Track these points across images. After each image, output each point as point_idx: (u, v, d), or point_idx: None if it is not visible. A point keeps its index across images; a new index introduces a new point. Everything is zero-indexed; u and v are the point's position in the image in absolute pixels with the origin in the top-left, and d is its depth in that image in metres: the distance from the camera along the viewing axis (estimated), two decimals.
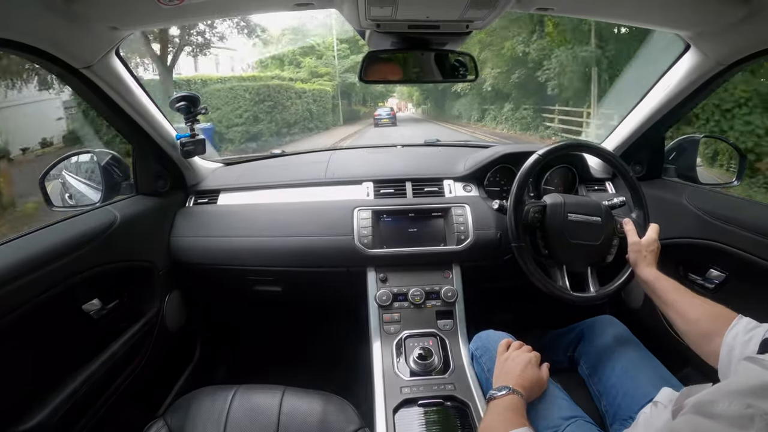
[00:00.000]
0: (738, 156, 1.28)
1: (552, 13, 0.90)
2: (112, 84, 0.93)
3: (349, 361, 1.27)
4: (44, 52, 0.76)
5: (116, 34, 0.84)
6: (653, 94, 1.13)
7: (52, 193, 1.05)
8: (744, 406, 0.37)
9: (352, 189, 1.25)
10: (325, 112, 15.98)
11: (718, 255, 0.99)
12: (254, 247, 1.16)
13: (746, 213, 0.95)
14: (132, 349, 0.98)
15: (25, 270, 0.71)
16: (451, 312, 1.10)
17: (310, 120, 14.43)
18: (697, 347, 0.71)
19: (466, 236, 1.14)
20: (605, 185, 1.34)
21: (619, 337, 0.93)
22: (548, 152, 1.00)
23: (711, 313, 0.71)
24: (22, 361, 0.76)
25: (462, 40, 0.93)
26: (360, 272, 1.14)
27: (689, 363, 1.02)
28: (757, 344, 0.58)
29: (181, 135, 1.14)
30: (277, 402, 0.84)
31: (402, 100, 34.72)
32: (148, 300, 1.08)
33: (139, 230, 1.06)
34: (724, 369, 0.63)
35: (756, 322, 0.63)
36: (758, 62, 0.92)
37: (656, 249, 0.89)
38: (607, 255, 0.99)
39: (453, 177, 1.27)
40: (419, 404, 0.88)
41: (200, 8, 0.80)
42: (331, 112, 16.85)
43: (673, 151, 1.27)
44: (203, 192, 1.30)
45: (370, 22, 0.83)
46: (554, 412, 0.76)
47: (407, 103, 35.97)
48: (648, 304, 1.21)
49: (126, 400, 0.98)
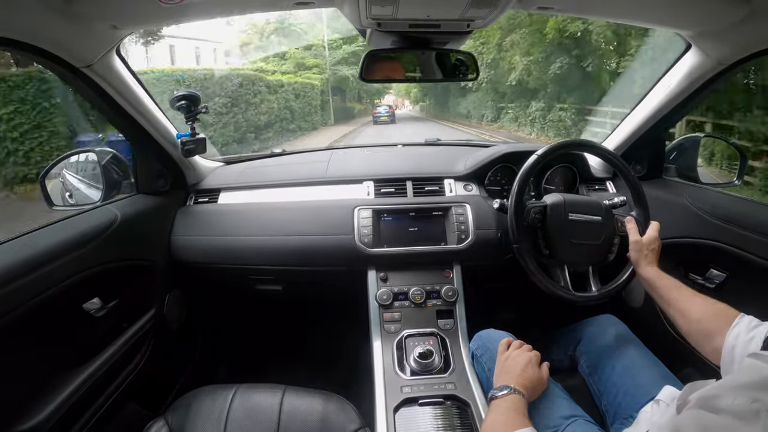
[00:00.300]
0: (739, 156, 1.28)
1: (553, 13, 0.90)
2: (113, 83, 0.93)
3: (349, 361, 1.27)
4: (45, 51, 0.76)
5: (116, 33, 0.84)
6: (654, 93, 1.13)
7: (53, 192, 1.05)
8: (749, 401, 0.37)
9: (353, 188, 1.25)
10: (311, 110, 13.50)
11: (718, 255, 0.99)
12: (255, 246, 1.16)
13: (747, 213, 0.95)
14: (132, 348, 0.98)
15: (26, 269, 0.71)
16: (451, 311, 1.10)
17: (291, 120, 11.84)
18: (699, 346, 0.71)
19: (466, 235, 1.14)
20: (606, 185, 1.34)
21: (620, 336, 0.93)
22: (548, 152, 1.00)
23: (712, 312, 0.70)
24: (23, 360, 0.76)
25: (463, 39, 0.93)
26: (360, 271, 1.14)
27: (690, 362, 1.02)
28: (759, 342, 0.58)
29: (182, 134, 1.14)
30: (278, 401, 0.84)
31: (399, 97, 33.27)
32: (149, 299, 1.08)
33: (140, 229, 1.06)
34: (726, 367, 0.63)
35: (758, 320, 0.63)
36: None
37: (657, 247, 0.89)
38: (609, 254, 0.99)
39: (454, 176, 1.27)
40: (420, 404, 0.88)
41: (200, 7, 0.80)
42: (319, 109, 14.49)
43: (673, 151, 1.27)
44: (204, 191, 1.30)
45: (370, 21, 0.83)
46: (554, 411, 0.76)
47: (404, 101, 34.39)
48: (648, 304, 1.21)
49: (126, 398, 0.98)
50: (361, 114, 20.96)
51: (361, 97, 22.74)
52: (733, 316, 0.66)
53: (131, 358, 0.99)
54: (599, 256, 0.99)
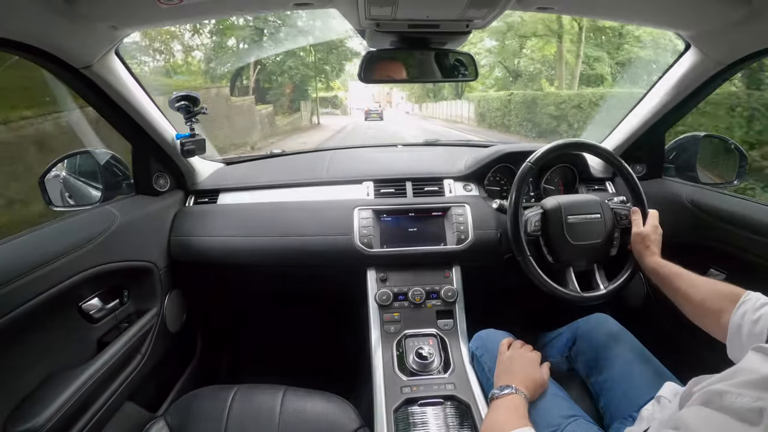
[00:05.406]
0: (738, 155, 1.28)
1: (552, 13, 0.90)
2: (112, 84, 0.92)
3: (349, 361, 1.27)
4: (44, 52, 0.76)
5: (116, 33, 0.84)
6: (654, 93, 1.13)
7: (52, 193, 1.05)
8: (753, 399, 0.36)
9: (352, 188, 1.25)
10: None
11: (717, 255, 0.99)
12: (254, 246, 1.16)
13: (747, 213, 0.95)
14: (132, 349, 0.98)
15: (25, 269, 0.71)
16: (451, 311, 1.10)
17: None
18: (705, 326, 0.71)
19: (466, 236, 1.14)
20: (605, 185, 1.34)
21: (614, 335, 0.93)
22: (546, 153, 1.00)
23: (715, 292, 0.70)
24: (23, 360, 0.76)
25: (462, 39, 0.93)
26: (360, 272, 1.14)
27: (690, 362, 1.02)
28: (765, 327, 0.58)
29: (181, 134, 1.14)
30: (278, 402, 0.84)
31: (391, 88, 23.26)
32: (149, 300, 1.08)
33: (139, 230, 1.06)
34: (733, 349, 0.63)
35: (765, 298, 0.62)
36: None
37: (659, 236, 0.90)
38: (611, 249, 1.00)
39: (453, 176, 1.27)
40: (420, 404, 0.88)
41: (199, 8, 0.80)
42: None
43: (673, 151, 1.27)
44: (203, 191, 1.30)
45: (369, 22, 0.83)
46: (554, 411, 0.76)
47: (400, 94, 23.96)
48: (648, 303, 1.21)
49: (126, 399, 0.98)
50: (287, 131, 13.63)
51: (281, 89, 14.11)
52: (738, 294, 0.66)
53: (131, 358, 0.99)
54: (602, 253, 1.00)
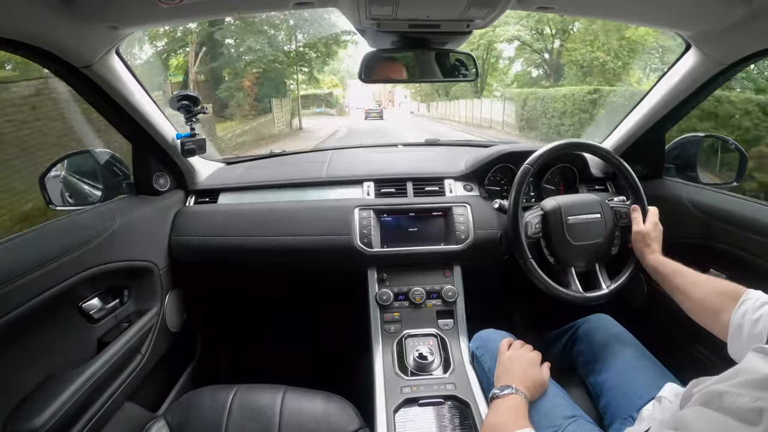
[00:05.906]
0: (739, 155, 1.28)
1: (552, 13, 0.90)
2: (112, 83, 0.92)
3: (349, 361, 1.27)
4: (44, 51, 0.76)
5: (116, 33, 0.84)
6: (654, 93, 1.13)
7: (53, 192, 1.05)
8: (753, 399, 0.36)
9: (353, 188, 1.25)
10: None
11: (718, 255, 0.99)
12: (254, 246, 1.16)
13: (747, 213, 0.95)
14: (132, 349, 0.98)
15: (25, 269, 0.71)
16: (451, 311, 1.10)
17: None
18: (705, 324, 0.71)
19: (466, 236, 1.14)
20: (606, 185, 1.34)
21: (614, 335, 0.93)
22: (545, 154, 1.00)
23: (717, 289, 0.70)
24: (22, 360, 0.76)
25: (463, 39, 0.93)
26: (360, 272, 1.14)
27: (691, 362, 1.02)
28: (765, 327, 0.57)
29: (181, 134, 1.14)
30: (278, 402, 0.84)
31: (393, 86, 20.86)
32: (149, 299, 1.08)
33: (139, 230, 1.05)
34: (734, 347, 0.63)
35: (766, 297, 0.62)
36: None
37: (659, 233, 0.90)
38: (612, 247, 1.00)
39: (453, 176, 1.27)
40: (420, 404, 0.88)
41: (199, 7, 0.80)
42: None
43: (674, 151, 1.27)
44: (203, 191, 1.30)
45: (370, 21, 0.83)
46: (555, 411, 0.76)
47: (403, 92, 22.85)
48: (649, 303, 1.21)
49: (126, 398, 0.98)
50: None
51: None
52: (739, 292, 0.66)
53: (131, 358, 0.99)
54: (604, 252, 1.00)
